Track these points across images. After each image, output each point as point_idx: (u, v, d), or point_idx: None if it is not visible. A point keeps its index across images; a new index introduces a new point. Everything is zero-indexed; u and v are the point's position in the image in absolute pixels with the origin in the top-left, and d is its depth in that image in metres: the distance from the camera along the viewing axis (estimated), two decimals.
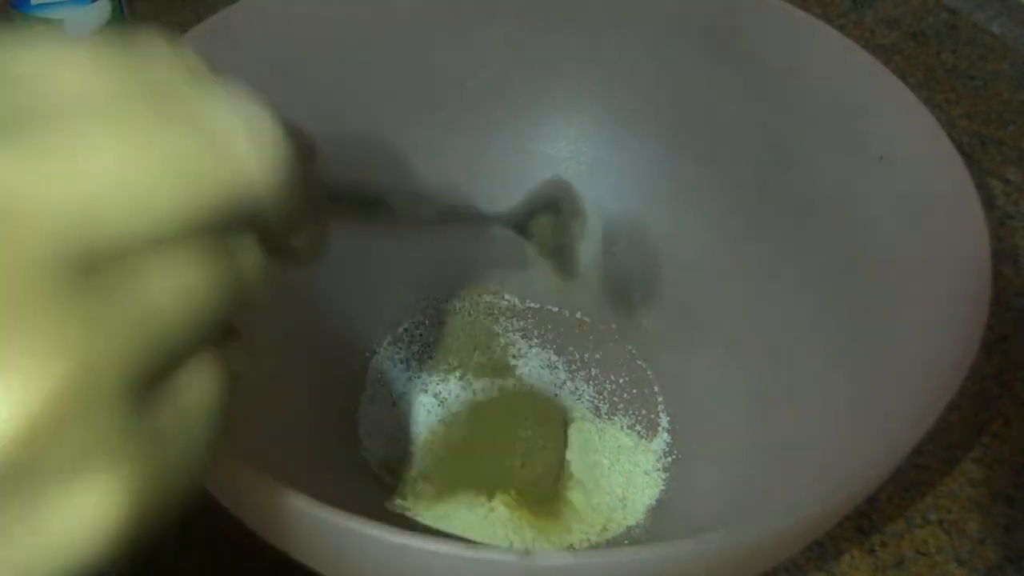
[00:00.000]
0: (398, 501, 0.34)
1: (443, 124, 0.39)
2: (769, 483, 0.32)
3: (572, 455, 0.36)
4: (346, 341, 0.38)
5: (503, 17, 0.37)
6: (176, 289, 0.14)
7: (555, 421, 0.36)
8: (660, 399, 0.38)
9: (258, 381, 0.32)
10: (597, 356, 0.40)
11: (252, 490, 0.20)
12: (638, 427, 0.37)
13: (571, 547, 0.33)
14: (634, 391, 0.38)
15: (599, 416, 0.37)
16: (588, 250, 0.42)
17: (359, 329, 0.39)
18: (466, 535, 0.33)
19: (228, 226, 0.15)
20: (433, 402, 0.37)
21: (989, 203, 0.49)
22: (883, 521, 0.35)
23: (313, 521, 0.20)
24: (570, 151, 0.41)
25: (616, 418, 0.37)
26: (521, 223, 0.33)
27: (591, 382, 0.39)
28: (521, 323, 0.41)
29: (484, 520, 0.34)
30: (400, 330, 0.40)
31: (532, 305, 0.42)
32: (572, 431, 0.36)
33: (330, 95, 0.36)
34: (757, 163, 0.36)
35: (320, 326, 0.37)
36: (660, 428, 0.37)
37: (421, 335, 0.40)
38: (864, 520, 0.35)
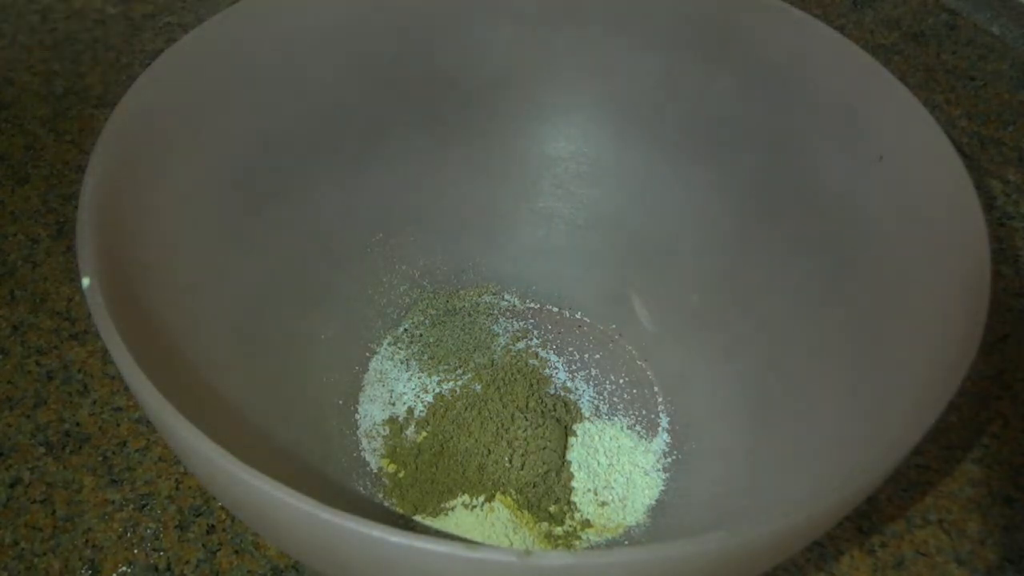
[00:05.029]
0: (397, 501, 0.34)
1: (443, 125, 0.39)
2: (769, 483, 0.31)
3: (572, 455, 0.36)
4: (346, 341, 0.38)
5: (503, 17, 0.37)
6: None
7: (555, 421, 0.36)
8: (660, 399, 0.38)
9: (258, 381, 0.32)
10: (597, 356, 0.40)
11: (252, 490, 0.20)
12: (638, 427, 0.37)
13: (571, 547, 0.33)
14: (634, 391, 0.38)
15: (599, 416, 0.37)
16: (589, 250, 0.42)
17: (359, 329, 0.39)
18: (466, 535, 0.33)
19: None
20: (433, 402, 0.37)
21: (989, 203, 0.49)
22: (883, 521, 0.35)
23: (313, 521, 0.20)
24: (570, 151, 0.41)
25: (616, 418, 0.37)
26: None
27: (591, 382, 0.39)
28: (521, 323, 0.41)
29: (484, 520, 0.34)
30: (400, 330, 0.40)
31: (532, 305, 0.42)
32: (572, 431, 0.37)
33: (330, 95, 0.36)
34: (757, 163, 0.36)
35: (320, 326, 0.37)
36: (660, 428, 0.37)
37: (421, 335, 0.40)
38: (864, 520, 0.35)
